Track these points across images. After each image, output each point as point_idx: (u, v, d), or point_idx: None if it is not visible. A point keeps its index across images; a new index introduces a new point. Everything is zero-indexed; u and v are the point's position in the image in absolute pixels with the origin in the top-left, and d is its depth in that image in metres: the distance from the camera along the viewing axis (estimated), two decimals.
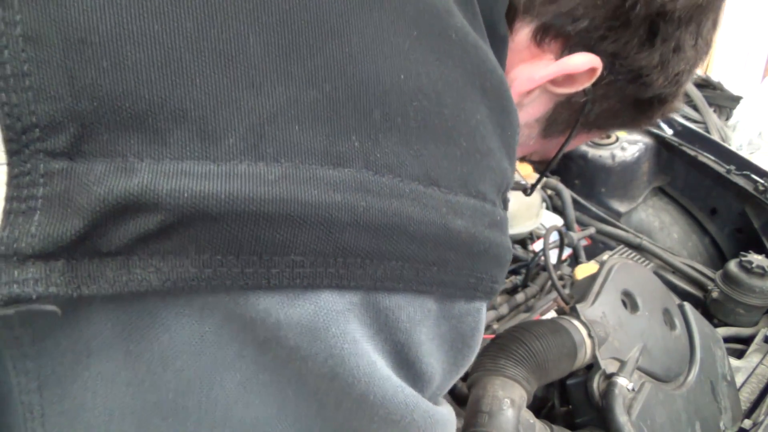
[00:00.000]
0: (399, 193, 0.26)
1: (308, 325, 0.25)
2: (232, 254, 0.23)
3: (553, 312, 0.95)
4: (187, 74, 0.23)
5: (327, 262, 0.25)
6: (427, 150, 0.28)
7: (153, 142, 0.23)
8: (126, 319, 0.24)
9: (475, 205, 0.30)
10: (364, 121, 0.26)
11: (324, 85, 0.25)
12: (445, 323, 0.30)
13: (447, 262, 0.28)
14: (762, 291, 1.01)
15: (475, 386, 0.60)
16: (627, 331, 0.69)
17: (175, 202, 0.22)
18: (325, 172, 0.25)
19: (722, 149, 1.33)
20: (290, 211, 0.24)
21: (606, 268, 0.75)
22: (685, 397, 0.69)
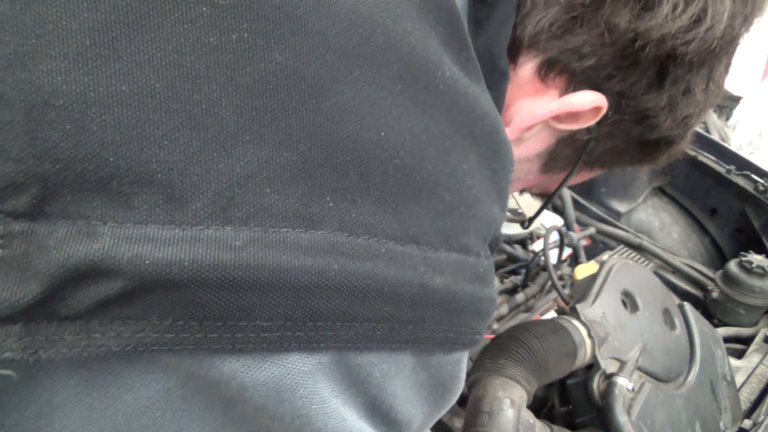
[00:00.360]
0: (374, 254, 0.26)
1: (275, 387, 0.25)
2: (194, 320, 0.23)
3: (553, 312, 0.95)
4: (154, 137, 0.22)
5: (295, 326, 0.24)
6: (407, 207, 0.27)
7: (117, 206, 0.22)
8: (89, 377, 0.24)
9: (456, 260, 0.29)
10: (340, 181, 0.25)
11: (298, 146, 0.25)
12: (423, 372, 0.30)
13: (424, 320, 0.28)
14: (762, 291, 1.01)
15: (475, 386, 0.60)
16: (627, 331, 0.69)
17: (136, 269, 0.22)
18: (296, 235, 0.24)
19: (722, 149, 1.33)
20: (257, 277, 0.23)
21: (606, 268, 0.75)
22: (685, 397, 0.69)
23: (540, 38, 0.38)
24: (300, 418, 0.25)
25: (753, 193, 1.23)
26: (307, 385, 0.25)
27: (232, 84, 0.23)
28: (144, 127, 0.22)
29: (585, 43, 0.37)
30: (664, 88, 0.40)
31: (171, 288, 0.22)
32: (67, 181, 0.21)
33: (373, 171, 0.26)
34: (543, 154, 0.46)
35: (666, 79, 0.40)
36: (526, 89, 0.41)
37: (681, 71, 0.39)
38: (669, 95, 0.41)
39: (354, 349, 0.26)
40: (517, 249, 1.16)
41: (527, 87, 0.41)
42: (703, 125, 2.69)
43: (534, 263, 1.07)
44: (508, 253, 1.15)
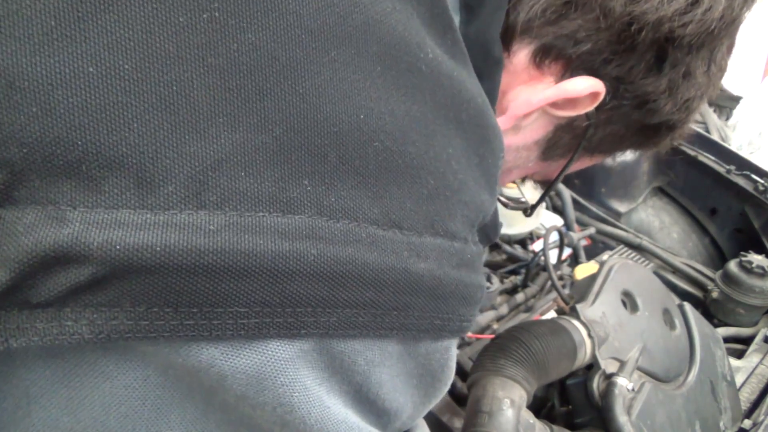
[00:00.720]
0: (354, 239, 0.25)
1: (255, 375, 0.24)
2: (169, 307, 0.22)
3: (553, 312, 0.95)
4: (123, 119, 0.22)
5: (274, 312, 0.24)
6: (389, 192, 0.27)
7: (87, 190, 0.22)
8: (64, 367, 0.23)
9: (441, 245, 0.29)
10: (318, 164, 0.25)
11: (274, 129, 0.24)
12: (410, 361, 0.30)
13: (408, 307, 0.27)
14: (762, 291, 1.01)
15: (474, 386, 0.60)
16: (627, 331, 0.69)
17: (106, 254, 0.21)
18: (272, 219, 0.24)
19: (722, 149, 1.33)
20: (232, 263, 0.23)
21: (606, 268, 0.75)
22: (685, 397, 0.69)
23: (533, 24, 0.37)
24: (282, 407, 0.25)
25: (753, 193, 1.23)
26: (288, 373, 0.25)
27: (203, 65, 0.23)
28: (113, 109, 0.22)
29: (580, 28, 0.37)
30: (663, 72, 0.40)
31: (143, 274, 0.22)
32: (34, 165, 0.21)
33: (352, 154, 0.26)
34: (541, 141, 0.46)
35: (665, 63, 0.39)
36: (522, 77, 0.40)
37: (680, 54, 0.39)
38: (669, 79, 0.40)
39: (336, 336, 0.26)
40: (517, 249, 1.16)
41: (522, 74, 0.40)
42: (703, 125, 2.69)
43: (534, 263, 1.07)
44: (508, 253, 1.15)
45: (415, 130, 0.28)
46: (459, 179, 0.30)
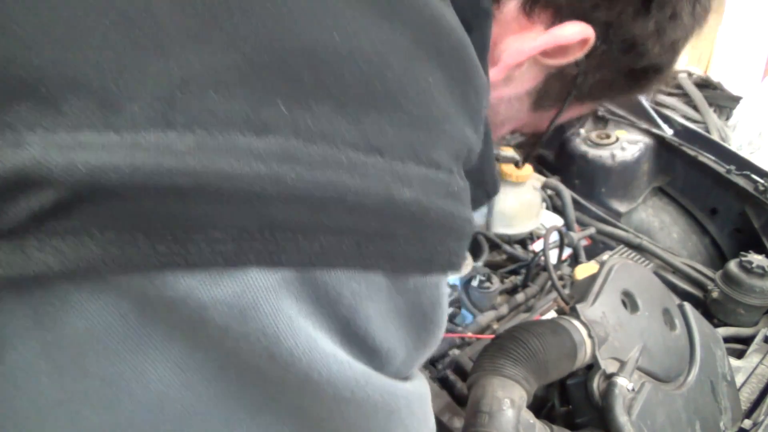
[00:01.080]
0: (334, 163, 0.24)
1: (236, 305, 0.23)
2: (140, 232, 0.21)
3: (553, 312, 0.95)
4: (83, 37, 0.21)
5: (253, 238, 0.23)
6: (369, 117, 0.26)
7: (46, 112, 0.21)
8: (35, 305, 0.22)
9: (426, 174, 0.28)
10: (292, 85, 0.24)
11: (244, 48, 0.23)
12: (399, 298, 0.28)
13: (394, 235, 0.26)
14: (762, 291, 1.01)
15: (474, 386, 0.60)
16: (627, 331, 0.69)
17: (69, 177, 0.20)
18: (246, 140, 0.23)
19: (722, 149, 1.33)
20: (205, 184, 0.22)
21: (606, 268, 0.75)
22: (685, 397, 0.69)
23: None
24: (266, 338, 0.24)
25: (753, 193, 1.23)
26: (270, 302, 0.24)
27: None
28: (72, 27, 0.21)
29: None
30: (650, 14, 0.40)
31: (110, 197, 0.21)
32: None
33: (328, 76, 0.25)
34: (533, 91, 0.46)
35: (652, 5, 0.40)
36: (512, 27, 0.41)
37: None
38: (656, 21, 0.41)
39: (320, 266, 0.25)
40: (517, 249, 1.16)
41: (512, 24, 0.41)
42: (703, 125, 2.69)
43: (534, 263, 1.07)
44: (508, 253, 1.15)
45: (393, 56, 0.27)
46: (441, 109, 0.29)
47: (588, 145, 1.40)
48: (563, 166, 1.44)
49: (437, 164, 0.28)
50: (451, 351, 0.86)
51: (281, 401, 0.26)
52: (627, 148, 1.37)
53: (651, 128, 1.40)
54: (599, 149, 1.38)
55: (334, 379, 0.26)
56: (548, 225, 1.19)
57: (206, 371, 0.24)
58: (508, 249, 1.15)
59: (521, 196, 1.17)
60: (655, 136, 1.39)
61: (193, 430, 0.25)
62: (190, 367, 0.24)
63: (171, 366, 0.24)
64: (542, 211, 1.23)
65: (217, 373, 0.25)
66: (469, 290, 0.99)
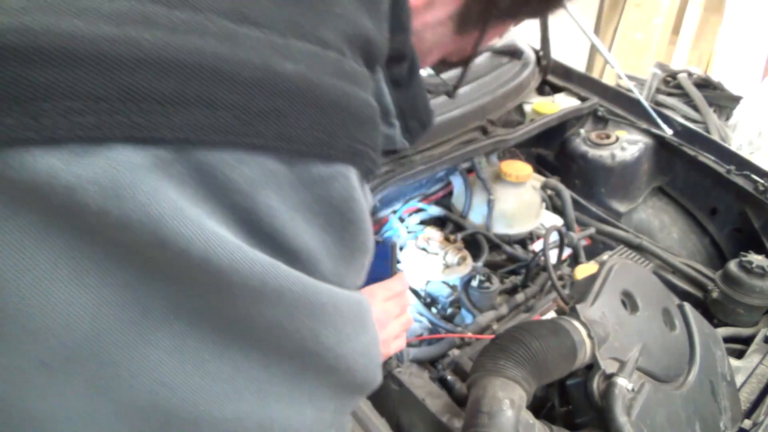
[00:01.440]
0: (201, 29, 0.23)
1: (109, 186, 0.21)
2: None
3: (553, 312, 0.95)
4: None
5: (114, 109, 0.21)
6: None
7: None
8: None
9: (313, 50, 0.26)
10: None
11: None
12: (305, 191, 0.27)
13: (281, 112, 0.25)
14: (762, 291, 1.01)
15: (474, 387, 0.60)
16: (627, 332, 0.69)
17: None
18: (94, 2, 0.21)
19: (722, 149, 1.33)
20: (47, 46, 0.20)
21: (606, 268, 0.75)
22: (684, 397, 0.69)
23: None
24: (151, 222, 0.22)
25: (753, 193, 1.23)
26: (147, 183, 0.22)
27: None
28: None
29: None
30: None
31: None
32: None
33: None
34: (455, 15, 0.47)
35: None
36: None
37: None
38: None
39: (199, 144, 0.23)
40: (517, 249, 1.16)
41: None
42: (703, 125, 2.69)
43: (534, 263, 1.07)
44: (508, 253, 1.15)
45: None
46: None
47: (588, 145, 1.40)
48: (563, 166, 1.44)
49: (324, 42, 0.27)
50: (451, 351, 0.86)
51: (186, 298, 0.24)
52: (627, 148, 1.37)
53: (651, 128, 1.40)
54: (599, 149, 1.38)
55: (238, 266, 0.24)
56: (548, 225, 1.19)
57: (95, 270, 0.22)
58: (508, 249, 1.15)
59: (521, 196, 1.17)
60: (655, 136, 1.39)
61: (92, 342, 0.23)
62: (77, 265, 0.22)
63: (50, 267, 0.22)
64: (542, 211, 1.23)
65: (108, 270, 0.23)
66: (469, 290, 0.99)
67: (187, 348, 0.25)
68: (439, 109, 1.17)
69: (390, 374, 0.76)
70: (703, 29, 3.66)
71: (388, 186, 0.98)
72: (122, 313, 0.23)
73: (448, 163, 1.08)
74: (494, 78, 1.34)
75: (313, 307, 0.28)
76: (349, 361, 0.31)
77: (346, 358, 0.31)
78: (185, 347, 0.25)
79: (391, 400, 0.75)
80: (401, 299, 0.77)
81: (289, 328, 0.27)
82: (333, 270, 0.29)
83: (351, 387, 0.33)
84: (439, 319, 0.97)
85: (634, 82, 2.90)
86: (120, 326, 0.23)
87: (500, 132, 1.21)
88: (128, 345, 0.24)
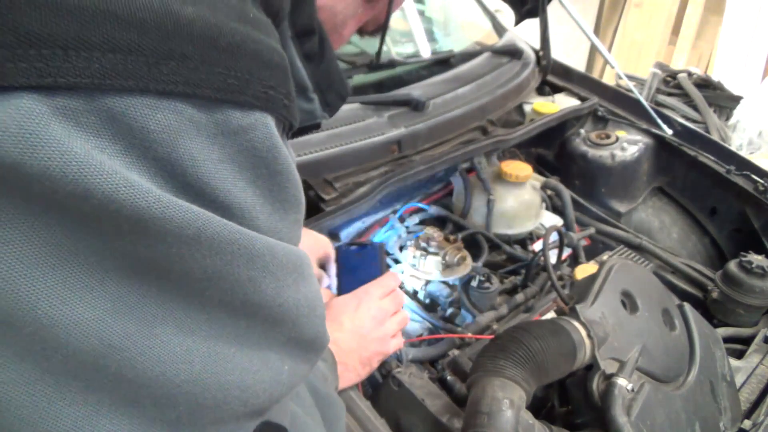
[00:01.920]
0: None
1: (16, 134, 0.20)
2: None
3: (552, 312, 0.95)
4: None
5: (15, 56, 0.20)
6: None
7: None
8: None
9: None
10: None
11: None
12: (227, 142, 0.27)
13: (186, 56, 0.24)
14: (762, 291, 1.01)
15: (474, 387, 0.60)
16: (626, 332, 0.69)
17: None
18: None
19: (722, 149, 1.33)
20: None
21: (606, 268, 0.75)
22: (684, 398, 0.69)
23: None
24: (69, 172, 0.21)
25: (753, 193, 1.23)
26: (57, 132, 0.21)
27: None
28: None
29: None
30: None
31: None
32: None
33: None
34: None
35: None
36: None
37: None
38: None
39: (108, 90, 0.22)
40: (517, 249, 1.16)
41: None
42: (703, 125, 2.69)
43: (534, 263, 1.07)
44: (508, 253, 1.15)
45: None
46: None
47: (588, 145, 1.40)
48: (563, 166, 1.44)
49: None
50: (451, 351, 0.86)
51: (126, 255, 0.24)
52: (627, 148, 1.37)
53: (651, 128, 1.40)
54: (599, 149, 1.38)
55: (171, 213, 0.24)
56: (548, 225, 1.19)
57: (22, 235, 0.22)
58: (507, 249, 1.15)
59: (521, 196, 1.17)
60: (655, 136, 1.39)
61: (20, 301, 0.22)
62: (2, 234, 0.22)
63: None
64: (542, 211, 1.23)
65: (38, 234, 0.22)
66: (469, 290, 0.99)
67: (127, 308, 0.24)
68: (439, 109, 1.17)
69: (390, 374, 0.76)
70: (703, 29, 3.66)
71: (388, 186, 0.98)
72: (53, 273, 0.23)
73: (448, 163, 1.09)
74: (494, 78, 1.34)
75: (251, 255, 0.28)
76: (293, 311, 0.31)
77: (290, 308, 0.31)
78: (125, 307, 0.24)
79: (391, 400, 0.75)
80: (396, 296, 0.78)
81: (230, 278, 0.27)
82: (268, 224, 0.29)
83: (301, 343, 0.33)
84: (437, 320, 0.97)
85: (634, 82, 2.90)
86: (51, 286, 0.23)
87: (500, 132, 1.21)
88: (64, 305, 0.23)
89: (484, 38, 1.60)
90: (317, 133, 0.97)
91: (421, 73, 1.27)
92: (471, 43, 1.56)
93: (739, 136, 2.79)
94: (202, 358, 0.27)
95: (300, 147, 0.94)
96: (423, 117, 1.13)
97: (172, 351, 0.26)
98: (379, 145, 1.04)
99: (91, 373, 0.24)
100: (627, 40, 3.93)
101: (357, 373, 0.70)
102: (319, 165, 0.96)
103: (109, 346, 0.24)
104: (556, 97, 1.52)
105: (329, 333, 0.38)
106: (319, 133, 0.98)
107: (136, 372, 0.25)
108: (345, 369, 0.67)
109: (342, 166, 0.99)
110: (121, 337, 0.24)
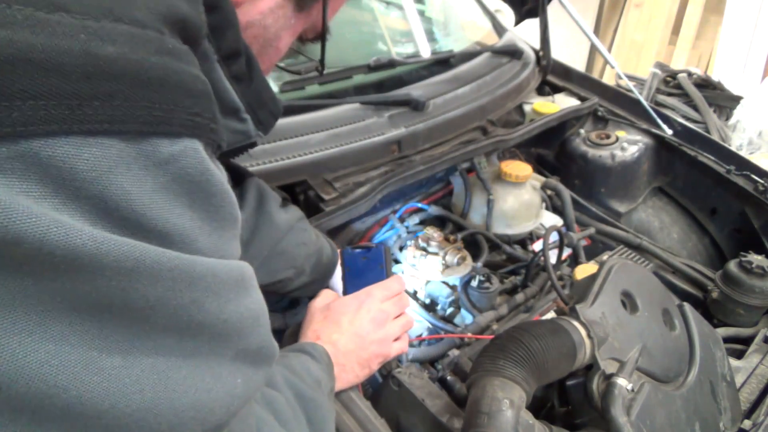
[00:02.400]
0: (8, 21, 0.22)
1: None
2: None
3: (552, 312, 0.95)
4: None
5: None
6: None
7: None
8: None
9: (131, 32, 0.26)
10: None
11: None
12: (160, 171, 0.27)
13: (110, 95, 0.25)
14: (762, 291, 1.01)
15: (474, 387, 0.60)
16: (626, 332, 0.69)
17: None
18: None
19: (722, 149, 1.33)
20: None
21: (606, 268, 0.75)
22: (684, 398, 0.69)
23: None
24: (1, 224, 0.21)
25: (753, 193, 1.23)
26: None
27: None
28: None
29: None
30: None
31: None
32: None
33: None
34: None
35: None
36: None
37: None
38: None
39: (34, 137, 0.23)
40: (517, 249, 1.16)
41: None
42: (703, 125, 2.69)
43: (534, 263, 1.07)
44: (508, 253, 1.15)
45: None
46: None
47: (588, 145, 1.40)
48: (563, 166, 1.44)
49: (141, 23, 0.27)
50: (451, 351, 0.86)
51: (64, 294, 0.24)
52: (627, 148, 1.37)
53: (651, 128, 1.40)
54: (599, 149, 1.38)
55: (107, 251, 0.24)
56: (548, 225, 1.19)
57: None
58: (507, 249, 1.15)
59: (521, 196, 1.17)
60: (655, 136, 1.39)
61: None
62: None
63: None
64: (542, 211, 1.23)
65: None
66: (469, 290, 0.99)
67: (71, 346, 0.24)
68: (439, 109, 1.17)
69: (390, 375, 0.76)
70: (703, 29, 3.66)
71: (388, 186, 0.98)
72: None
73: (448, 163, 1.09)
74: (494, 78, 1.34)
75: (192, 279, 0.28)
76: (237, 324, 0.32)
77: (234, 322, 0.32)
78: (68, 346, 0.24)
79: (391, 400, 0.75)
80: (400, 300, 0.77)
81: (173, 303, 0.27)
82: (209, 245, 0.30)
83: (249, 356, 0.34)
84: (438, 320, 0.97)
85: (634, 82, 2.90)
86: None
87: (500, 132, 1.21)
88: (3, 352, 0.23)
89: (484, 38, 1.60)
90: (317, 133, 0.97)
91: (421, 73, 1.27)
92: (471, 43, 1.56)
93: (739, 136, 2.79)
94: (152, 385, 0.27)
95: (300, 147, 0.94)
96: (423, 117, 1.13)
97: (122, 382, 0.26)
98: (379, 145, 1.04)
99: (37, 410, 0.24)
100: (627, 40, 3.93)
101: (355, 374, 0.69)
102: (319, 165, 0.96)
103: (54, 386, 0.24)
104: (556, 97, 1.52)
105: (328, 334, 0.38)
106: (319, 133, 0.98)
107: (84, 407, 0.25)
108: (342, 370, 0.67)
109: (342, 166, 0.99)
110: (67, 377, 0.24)
